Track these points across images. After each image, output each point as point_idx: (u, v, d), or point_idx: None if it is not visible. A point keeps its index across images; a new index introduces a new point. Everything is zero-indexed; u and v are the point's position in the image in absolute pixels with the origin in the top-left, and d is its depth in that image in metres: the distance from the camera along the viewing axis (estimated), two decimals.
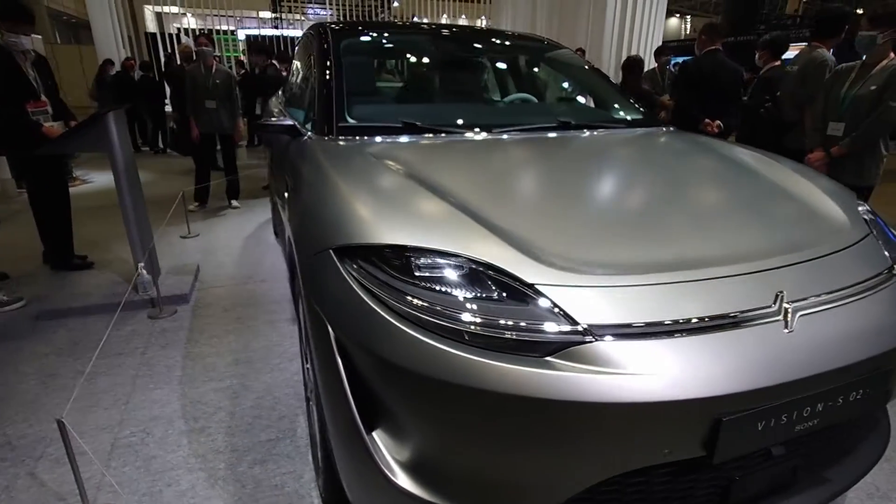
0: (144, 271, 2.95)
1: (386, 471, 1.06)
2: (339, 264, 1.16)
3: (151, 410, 2.06)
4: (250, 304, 3.00)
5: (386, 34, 2.60)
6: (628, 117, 2.25)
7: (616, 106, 2.34)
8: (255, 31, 14.42)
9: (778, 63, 3.92)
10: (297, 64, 3.37)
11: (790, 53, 4.38)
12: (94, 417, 2.02)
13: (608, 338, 0.97)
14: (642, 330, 0.99)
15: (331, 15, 16.18)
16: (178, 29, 13.20)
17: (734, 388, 0.96)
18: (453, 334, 1.00)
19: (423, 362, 0.99)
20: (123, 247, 3.84)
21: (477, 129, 1.89)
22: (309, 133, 1.96)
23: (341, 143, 1.78)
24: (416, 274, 1.09)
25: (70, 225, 3.47)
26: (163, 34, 12.32)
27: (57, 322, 2.79)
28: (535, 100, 2.49)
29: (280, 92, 4.11)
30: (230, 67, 9.63)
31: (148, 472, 1.75)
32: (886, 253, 1.35)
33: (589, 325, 0.98)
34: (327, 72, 2.09)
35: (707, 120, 3.79)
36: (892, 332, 1.14)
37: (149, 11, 14.57)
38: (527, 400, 0.94)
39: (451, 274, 1.08)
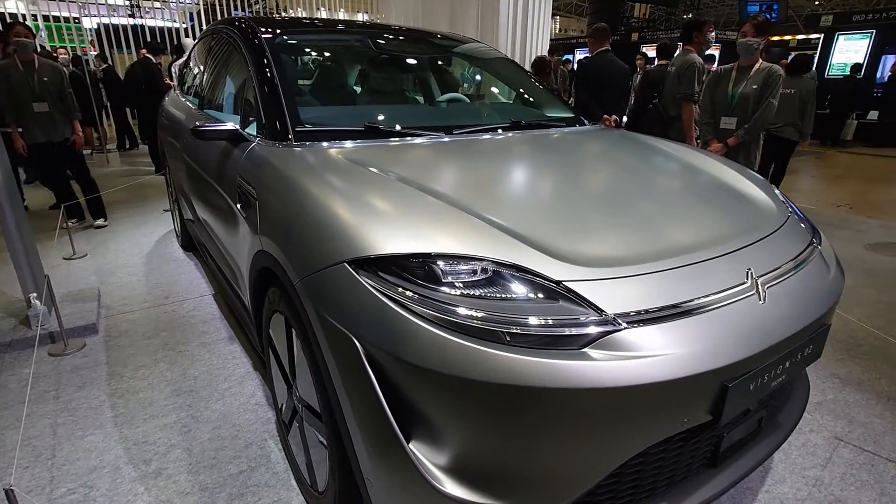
0: (38, 302, 2.55)
1: (432, 480, 1.05)
2: (357, 277, 1.12)
3: (88, 461, 1.80)
4: (175, 327, 2.72)
5: (324, 32, 2.49)
6: (567, 116, 2.40)
7: (557, 106, 2.48)
8: (106, 20, 12.75)
9: (664, 62, 4.45)
10: (200, 61, 3.09)
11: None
12: (13, 480, 1.71)
13: (633, 324, 1.06)
14: (660, 314, 1.08)
15: (196, 3, 14.84)
16: None
17: (737, 357, 1.10)
18: (493, 336, 1.02)
19: (467, 366, 1.00)
20: None
21: (439, 131, 1.90)
22: (257, 139, 1.83)
23: (300, 149, 1.68)
24: (444, 280, 1.09)
25: None
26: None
27: None
28: (489, 100, 2.55)
29: (176, 91, 3.75)
30: (87, 62, 8.47)
31: None
32: (803, 226, 1.62)
33: (615, 315, 1.06)
34: (268, 72, 1.95)
35: (605, 115, 4.16)
36: (827, 294, 1.38)
37: None
38: (572, 391, 0.99)
39: (479, 277, 1.10)
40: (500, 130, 2.03)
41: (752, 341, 1.14)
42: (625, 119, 4.57)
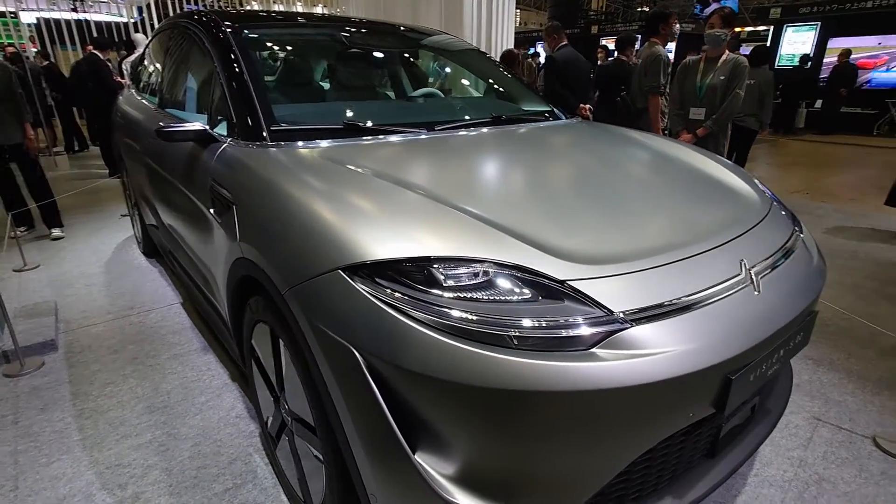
0: None
1: (441, 491, 1.01)
2: (353, 284, 1.06)
3: (56, 490, 1.68)
4: (143, 339, 2.58)
5: (292, 26, 2.38)
6: (544, 109, 2.38)
7: (533, 100, 2.46)
8: (46, 15, 11.99)
9: (623, 58, 4.52)
10: (158, 57, 2.93)
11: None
12: None
13: (638, 322, 1.04)
14: (663, 310, 1.07)
15: None
16: None
17: (739, 349, 1.10)
18: (499, 340, 0.99)
19: (474, 373, 0.96)
20: None
21: (420, 127, 1.85)
22: (228, 140, 1.74)
23: (278, 149, 1.60)
24: (445, 284, 1.05)
25: None
26: None
27: None
28: (466, 95, 2.49)
29: (131, 89, 3.55)
30: (27, 58, 7.96)
31: None
32: (784, 214, 1.65)
33: (622, 312, 1.04)
34: (237, 68, 1.85)
35: (581, 105, 4.21)
36: (814, 281, 1.41)
37: None
38: (583, 393, 0.97)
39: (480, 280, 1.06)
40: (481, 126, 1.99)
41: (752, 332, 1.15)
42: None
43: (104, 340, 2.57)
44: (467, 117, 2.02)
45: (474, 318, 1.00)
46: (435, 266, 1.06)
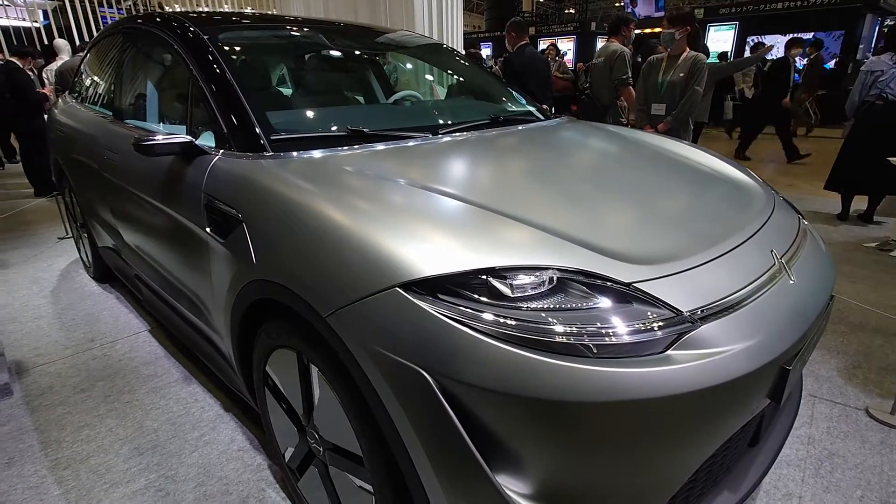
0: None
1: None
2: (414, 302, 0.99)
3: None
4: (113, 373, 2.34)
5: (270, 28, 2.22)
6: (532, 109, 2.37)
7: (519, 101, 2.44)
8: None
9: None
10: (107, 64, 2.68)
11: None
12: None
13: (705, 320, 1.03)
14: (723, 305, 1.07)
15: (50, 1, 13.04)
16: None
17: (793, 339, 1.12)
18: (577, 350, 0.95)
19: (560, 388, 0.92)
20: None
21: (424, 131, 1.77)
22: (220, 152, 1.60)
23: (283, 160, 1.48)
24: (512, 295, 1.00)
25: None
26: None
27: None
28: (451, 97, 2.43)
29: (69, 100, 3.23)
30: None
31: None
32: (787, 203, 1.71)
33: (689, 312, 1.03)
34: (221, 73, 1.71)
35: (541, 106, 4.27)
36: (830, 263, 1.47)
37: None
38: (665, 399, 0.95)
39: (547, 288, 1.02)
40: (482, 128, 1.94)
41: (799, 320, 1.17)
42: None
43: (67, 379, 2.31)
44: (466, 120, 1.97)
45: (549, 328, 0.96)
46: (499, 276, 1.01)
